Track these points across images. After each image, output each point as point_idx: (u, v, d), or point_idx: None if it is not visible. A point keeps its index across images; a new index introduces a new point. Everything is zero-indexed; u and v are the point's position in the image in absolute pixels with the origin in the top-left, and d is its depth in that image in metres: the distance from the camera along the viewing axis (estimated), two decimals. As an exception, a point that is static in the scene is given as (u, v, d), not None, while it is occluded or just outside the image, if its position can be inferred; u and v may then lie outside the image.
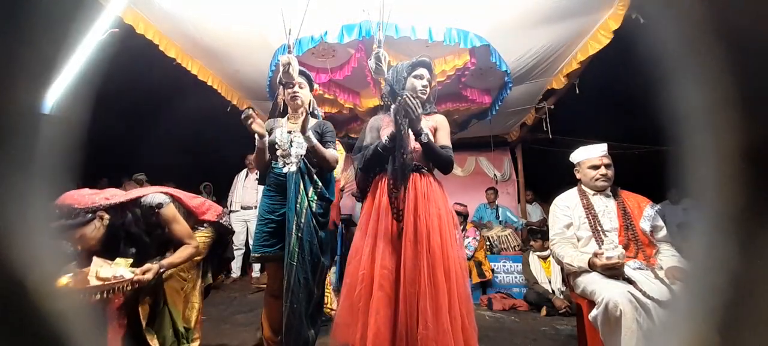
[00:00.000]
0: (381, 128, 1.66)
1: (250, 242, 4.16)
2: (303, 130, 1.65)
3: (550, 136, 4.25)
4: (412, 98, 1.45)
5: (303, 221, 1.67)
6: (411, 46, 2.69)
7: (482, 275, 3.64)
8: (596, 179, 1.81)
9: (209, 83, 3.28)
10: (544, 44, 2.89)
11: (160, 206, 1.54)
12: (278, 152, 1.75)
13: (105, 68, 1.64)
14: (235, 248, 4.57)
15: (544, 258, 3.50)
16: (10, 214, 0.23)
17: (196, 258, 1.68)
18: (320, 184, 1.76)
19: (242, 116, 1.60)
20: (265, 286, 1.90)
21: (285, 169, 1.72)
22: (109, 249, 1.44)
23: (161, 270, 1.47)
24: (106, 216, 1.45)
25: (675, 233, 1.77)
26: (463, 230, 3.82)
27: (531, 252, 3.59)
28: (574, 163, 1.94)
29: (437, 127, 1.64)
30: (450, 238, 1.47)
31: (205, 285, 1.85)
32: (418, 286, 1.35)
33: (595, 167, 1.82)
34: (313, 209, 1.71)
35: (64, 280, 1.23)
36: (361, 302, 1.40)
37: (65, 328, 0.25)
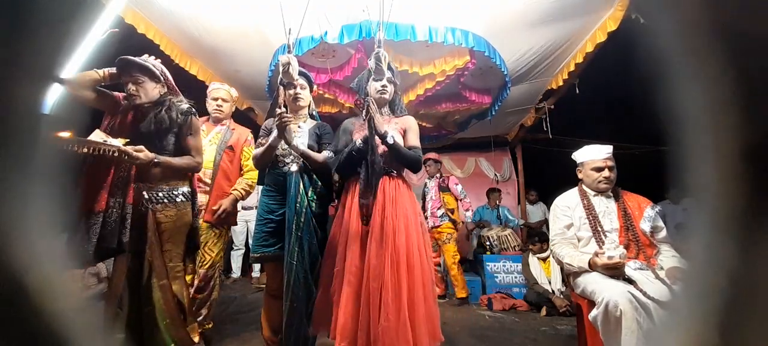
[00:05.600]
0: (353, 132, 1.74)
1: (250, 242, 4.16)
2: (288, 142, 1.67)
3: (550, 136, 4.25)
4: (372, 102, 1.55)
5: (303, 220, 1.67)
6: (411, 46, 2.69)
7: (454, 223, 3.74)
8: (599, 181, 1.81)
9: (207, 83, 3.28)
10: (543, 44, 2.89)
11: (192, 112, 1.66)
12: (278, 152, 1.75)
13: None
14: (235, 247, 4.57)
15: (544, 259, 3.50)
16: (10, 214, 0.23)
17: (193, 172, 1.73)
18: (320, 184, 1.76)
19: (278, 119, 1.60)
20: (265, 286, 1.90)
21: (285, 169, 1.73)
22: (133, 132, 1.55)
23: (156, 160, 1.50)
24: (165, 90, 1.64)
25: (674, 233, 1.77)
26: (439, 176, 3.86)
27: (531, 254, 3.59)
28: (577, 162, 1.94)
29: (406, 129, 1.72)
30: (416, 236, 1.59)
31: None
32: (382, 282, 1.46)
33: (599, 169, 1.81)
34: (313, 209, 1.71)
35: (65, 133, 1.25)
36: (335, 296, 1.53)
37: (65, 327, 0.25)
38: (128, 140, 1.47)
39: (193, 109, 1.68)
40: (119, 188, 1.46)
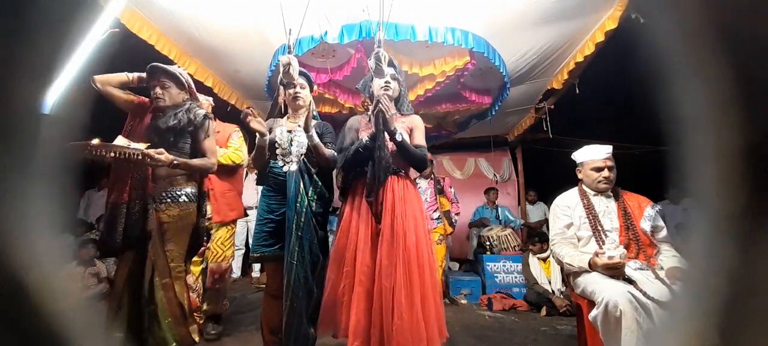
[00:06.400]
0: (359, 129, 1.74)
1: (250, 242, 4.16)
2: (306, 129, 1.68)
3: (550, 136, 4.25)
4: (385, 99, 1.57)
5: (303, 220, 1.67)
6: (411, 47, 2.69)
7: (452, 224, 3.69)
8: (598, 182, 1.81)
9: (207, 84, 3.27)
10: (543, 44, 2.89)
11: (208, 116, 1.75)
12: (278, 151, 1.75)
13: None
14: (235, 248, 4.57)
15: (544, 259, 3.50)
16: (10, 214, 0.23)
17: (208, 172, 1.82)
18: (320, 183, 1.76)
19: (241, 116, 1.64)
20: (265, 286, 1.90)
21: (285, 169, 1.73)
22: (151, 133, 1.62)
23: (175, 163, 1.57)
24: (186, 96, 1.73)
25: (674, 233, 1.77)
26: (433, 177, 3.75)
27: (531, 254, 3.59)
28: (577, 162, 1.94)
29: (413, 128, 1.74)
30: (424, 236, 1.61)
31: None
32: (394, 281, 1.48)
33: (598, 169, 1.81)
34: (313, 209, 1.71)
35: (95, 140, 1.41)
36: (345, 296, 1.54)
37: (65, 327, 0.25)
38: (150, 144, 1.54)
39: (210, 115, 1.77)
40: (140, 182, 1.55)
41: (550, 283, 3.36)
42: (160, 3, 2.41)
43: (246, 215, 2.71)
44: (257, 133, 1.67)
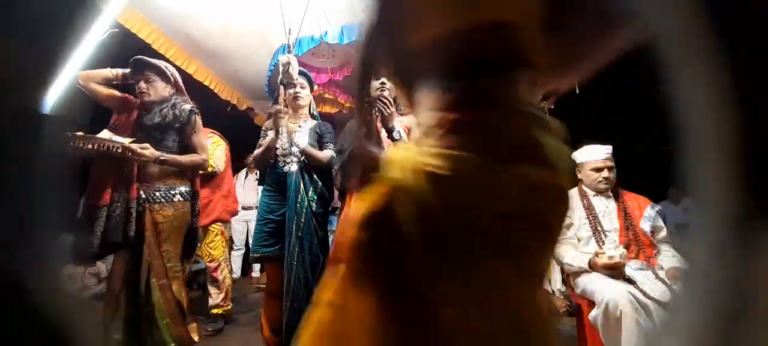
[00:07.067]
0: None
1: (250, 242, 4.16)
2: (291, 142, 1.68)
3: (550, 136, 4.23)
4: (385, 97, 1.55)
5: (303, 220, 1.67)
6: (411, 46, 2.69)
7: None
8: (598, 182, 1.81)
9: (206, 83, 3.27)
10: (544, 44, 2.89)
11: (195, 111, 1.69)
12: (278, 152, 1.75)
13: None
14: (235, 247, 4.57)
15: (544, 258, 3.49)
16: (10, 214, 0.23)
17: (200, 170, 1.79)
18: (320, 183, 1.77)
19: (273, 111, 1.67)
20: (265, 286, 1.90)
21: (285, 169, 1.73)
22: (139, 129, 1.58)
23: (162, 158, 1.53)
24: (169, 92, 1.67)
25: (674, 233, 1.77)
26: None
27: (531, 252, 3.58)
28: (576, 162, 1.93)
29: (412, 128, 1.71)
30: None
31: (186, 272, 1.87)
32: None
33: (598, 170, 1.81)
34: (313, 209, 1.71)
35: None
36: None
37: (65, 328, 0.25)
38: (134, 139, 1.50)
39: (196, 109, 1.71)
40: (123, 183, 1.49)
41: (550, 283, 3.35)
42: (160, 3, 2.41)
43: (231, 216, 2.68)
44: (271, 133, 1.67)
